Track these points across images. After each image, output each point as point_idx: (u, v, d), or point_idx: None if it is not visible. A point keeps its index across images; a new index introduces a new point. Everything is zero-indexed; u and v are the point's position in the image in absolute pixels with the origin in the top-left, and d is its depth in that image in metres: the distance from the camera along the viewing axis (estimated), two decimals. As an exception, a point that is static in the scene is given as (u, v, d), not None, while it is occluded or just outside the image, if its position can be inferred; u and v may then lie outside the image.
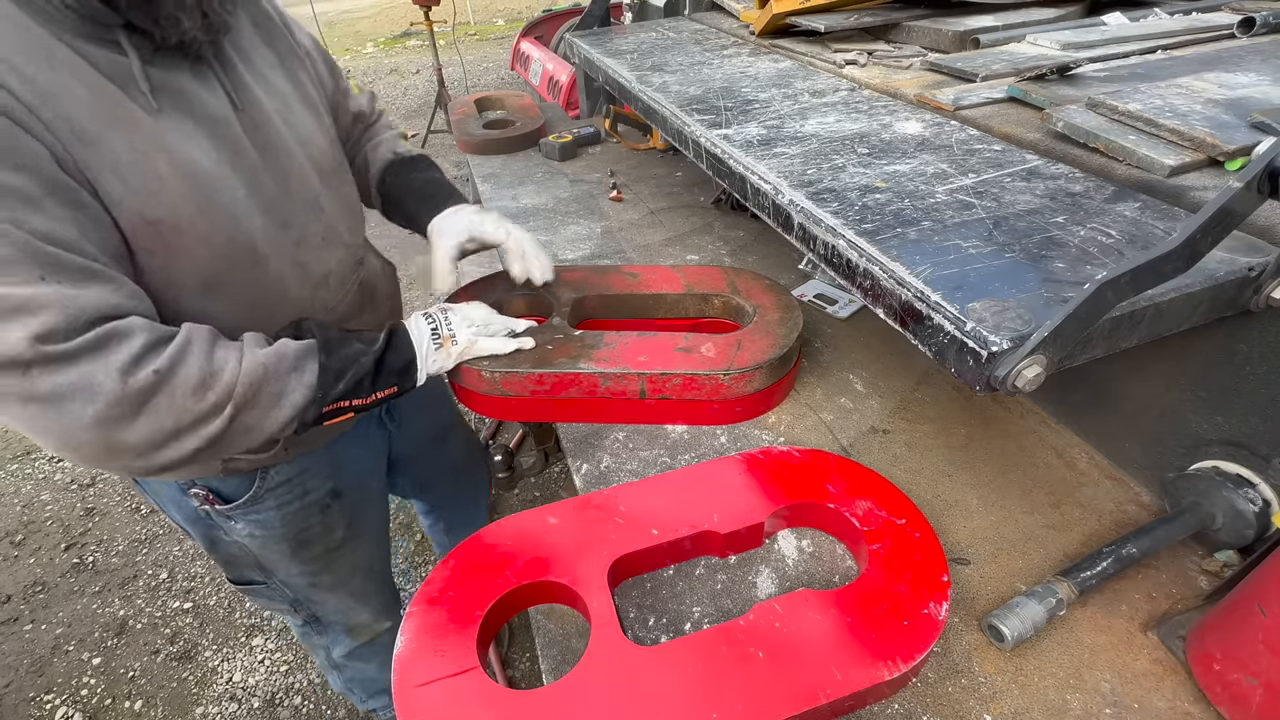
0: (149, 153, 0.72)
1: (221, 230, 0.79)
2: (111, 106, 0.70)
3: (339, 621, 1.32)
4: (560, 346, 1.01)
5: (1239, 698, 0.65)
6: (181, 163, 0.75)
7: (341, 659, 1.42)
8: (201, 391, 0.72)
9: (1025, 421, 1.03)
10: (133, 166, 0.71)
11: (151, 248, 0.74)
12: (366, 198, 1.22)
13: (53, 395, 0.65)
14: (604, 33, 1.98)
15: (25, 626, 2.13)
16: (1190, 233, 0.57)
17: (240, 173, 0.82)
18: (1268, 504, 0.75)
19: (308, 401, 0.80)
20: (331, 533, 1.16)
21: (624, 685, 0.66)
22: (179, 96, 0.77)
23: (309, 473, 1.07)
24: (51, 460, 2.74)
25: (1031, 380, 0.60)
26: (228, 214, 0.80)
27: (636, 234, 1.61)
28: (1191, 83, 1.01)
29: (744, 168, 0.98)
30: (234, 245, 0.81)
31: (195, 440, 0.73)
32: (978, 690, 0.71)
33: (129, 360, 0.67)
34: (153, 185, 0.72)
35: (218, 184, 0.79)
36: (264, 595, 1.20)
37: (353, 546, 1.22)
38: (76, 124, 0.67)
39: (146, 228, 0.73)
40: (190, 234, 0.76)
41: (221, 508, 1.01)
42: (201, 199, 0.77)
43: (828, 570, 0.83)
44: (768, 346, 1.00)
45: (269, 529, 1.06)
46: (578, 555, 0.79)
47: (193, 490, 0.99)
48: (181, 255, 0.77)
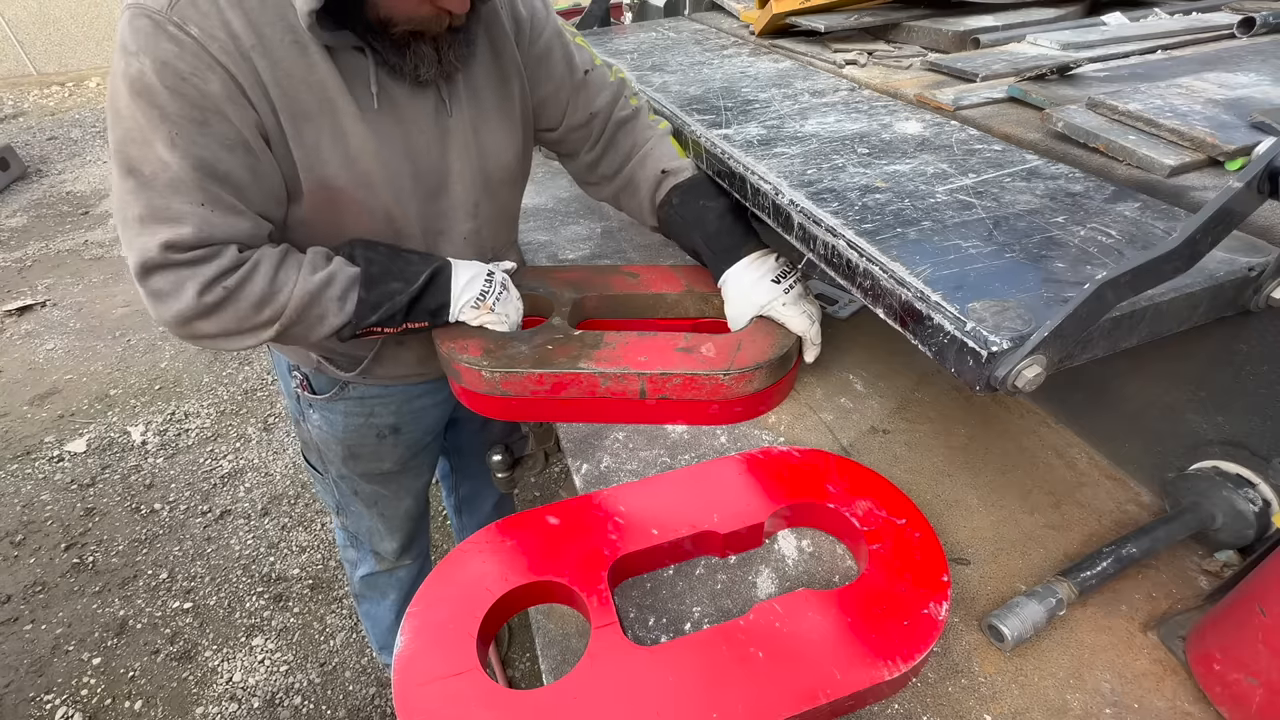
0: (349, 138, 0.90)
1: (380, 207, 0.97)
2: (334, 97, 0.88)
3: (366, 541, 1.51)
4: (560, 346, 1.01)
5: (1239, 698, 0.65)
6: (373, 152, 0.92)
7: (361, 584, 1.62)
8: (260, 307, 0.89)
9: (1025, 421, 1.03)
10: (332, 146, 0.90)
11: (320, 205, 0.94)
12: (639, 214, 1.20)
13: (157, 292, 0.85)
14: (604, 33, 1.98)
15: (25, 626, 2.13)
16: (1190, 233, 0.57)
17: (415, 169, 0.98)
18: (1268, 504, 0.75)
19: (344, 324, 0.95)
20: (380, 460, 1.33)
21: (624, 685, 0.66)
22: (394, 101, 0.93)
23: (379, 401, 1.24)
24: (52, 460, 2.74)
25: (1031, 380, 0.60)
26: (391, 197, 0.97)
27: (636, 234, 1.61)
28: (1191, 83, 1.01)
29: (744, 168, 0.98)
30: (387, 221, 0.99)
31: (253, 339, 0.93)
32: (978, 690, 0.71)
33: (211, 277, 0.85)
34: (341, 162, 0.91)
35: (392, 173, 0.95)
36: (320, 485, 1.43)
37: (396, 480, 1.39)
38: (299, 104, 0.86)
39: (323, 190, 0.92)
40: (356, 204, 0.95)
41: (308, 395, 1.23)
42: (375, 181, 0.94)
43: (828, 570, 0.83)
44: (768, 346, 1.00)
45: (333, 429, 1.26)
46: (578, 555, 0.79)
47: (295, 373, 1.22)
48: (344, 216, 0.96)
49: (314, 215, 0.95)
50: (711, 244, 1.08)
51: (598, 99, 1.16)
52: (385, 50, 0.87)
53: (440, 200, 1.03)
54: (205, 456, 2.73)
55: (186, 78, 0.79)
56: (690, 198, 1.10)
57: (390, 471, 1.36)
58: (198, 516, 2.47)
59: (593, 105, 1.16)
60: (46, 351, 3.40)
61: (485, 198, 1.08)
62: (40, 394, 3.12)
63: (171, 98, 0.79)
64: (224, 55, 0.80)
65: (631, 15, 2.82)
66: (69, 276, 4.08)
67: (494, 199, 1.10)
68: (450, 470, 1.80)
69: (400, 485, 1.41)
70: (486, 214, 1.10)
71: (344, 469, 1.33)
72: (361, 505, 1.41)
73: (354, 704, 1.90)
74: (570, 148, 1.22)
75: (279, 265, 0.90)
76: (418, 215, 1.01)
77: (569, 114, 1.15)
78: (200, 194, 0.82)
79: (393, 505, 1.44)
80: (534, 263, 1.50)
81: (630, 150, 1.18)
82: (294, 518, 2.45)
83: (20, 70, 7.68)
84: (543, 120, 1.16)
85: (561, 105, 1.14)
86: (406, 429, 1.31)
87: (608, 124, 1.18)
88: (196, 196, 0.82)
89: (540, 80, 1.10)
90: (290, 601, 2.18)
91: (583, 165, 1.23)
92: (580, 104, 1.15)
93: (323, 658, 2.02)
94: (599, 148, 1.19)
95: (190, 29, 0.78)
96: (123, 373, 3.23)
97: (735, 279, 1.05)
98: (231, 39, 0.80)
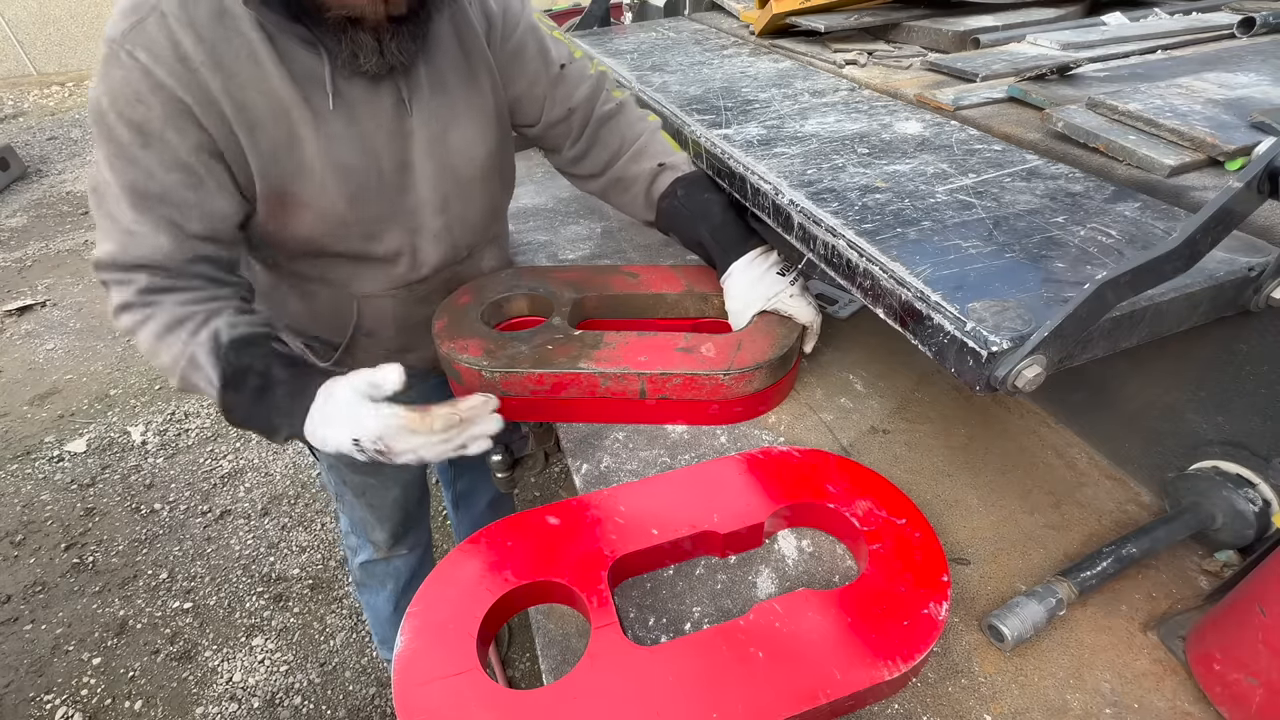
0: (304, 143, 0.90)
1: (331, 210, 0.95)
2: (287, 104, 0.88)
3: (360, 530, 1.52)
4: (560, 346, 1.01)
5: (1239, 698, 0.65)
6: (328, 154, 0.91)
7: (361, 571, 1.62)
8: (153, 355, 0.91)
9: (1025, 421, 1.03)
10: (286, 151, 0.90)
11: (274, 212, 0.94)
12: (632, 209, 1.20)
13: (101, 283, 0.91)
14: (604, 33, 1.98)
15: (25, 626, 2.13)
16: (1190, 233, 0.57)
17: (374, 167, 0.96)
18: (1268, 504, 0.75)
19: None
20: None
21: (624, 685, 0.66)
22: (352, 101, 0.92)
23: None
24: (51, 460, 2.74)
25: (1031, 380, 0.60)
26: (345, 200, 0.95)
27: (636, 234, 1.61)
28: (1191, 83, 1.01)
29: (744, 168, 0.98)
30: (338, 224, 0.97)
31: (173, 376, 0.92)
32: (978, 690, 0.71)
33: (119, 303, 0.89)
34: (295, 169, 0.91)
35: (351, 176, 0.94)
36: (323, 471, 1.43)
37: (381, 470, 1.37)
38: (253, 113, 0.86)
39: (276, 197, 0.92)
40: (311, 209, 0.94)
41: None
42: (332, 186, 0.93)
43: (828, 570, 0.83)
44: (768, 346, 1.00)
45: None
46: (578, 555, 0.79)
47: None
48: (297, 223, 0.95)
49: (266, 218, 0.95)
50: (717, 236, 1.08)
51: (576, 93, 1.15)
52: (324, 37, 0.87)
53: (406, 197, 1.02)
54: (205, 456, 2.73)
55: (130, 102, 0.82)
56: (695, 190, 1.11)
57: (380, 464, 1.33)
58: (198, 516, 2.47)
59: (571, 100, 1.15)
60: (46, 351, 3.40)
61: (455, 195, 1.06)
62: (40, 394, 3.12)
63: (117, 120, 0.83)
64: (170, 77, 0.82)
65: (631, 15, 2.83)
66: (69, 276, 4.08)
67: (464, 196, 1.08)
68: (449, 464, 1.80)
69: (386, 475, 1.42)
70: (457, 211, 1.08)
71: (331, 457, 1.33)
72: (351, 494, 1.43)
73: (354, 704, 1.90)
74: (552, 143, 1.21)
75: (167, 329, 0.89)
76: (377, 216, 1.00)
77: (547, 109, 1.14)
78: (132, 214, 0.85)
79: (380, 495, 1.45)
80: (534, 263, 1.50)
81: (619, 146, 1.17)
82: (294, 518, 2.45)
83: (20, 70, 7.68)
84: (521, 116, 1.16)
85: (539, 101, 1.13)
86: None
87: (590, 119, 1.17)
88: (130, 217, 0.85)
89: (514, 76, 1.10)
90: (290, 601, 2.18)
91: (567, 160, 1.22)
92: (558, 98, 1.14)
93: (323, 658, 2.02)
94: (582, 143, 1.19)
95: (139, 54, 0.81)
96: (123, 373, 3.23)
97: (741, 271, 1.05)
98: (180, 60, 0.82)
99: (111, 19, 0.84)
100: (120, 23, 0.82)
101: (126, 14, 0.83)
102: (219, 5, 0.84)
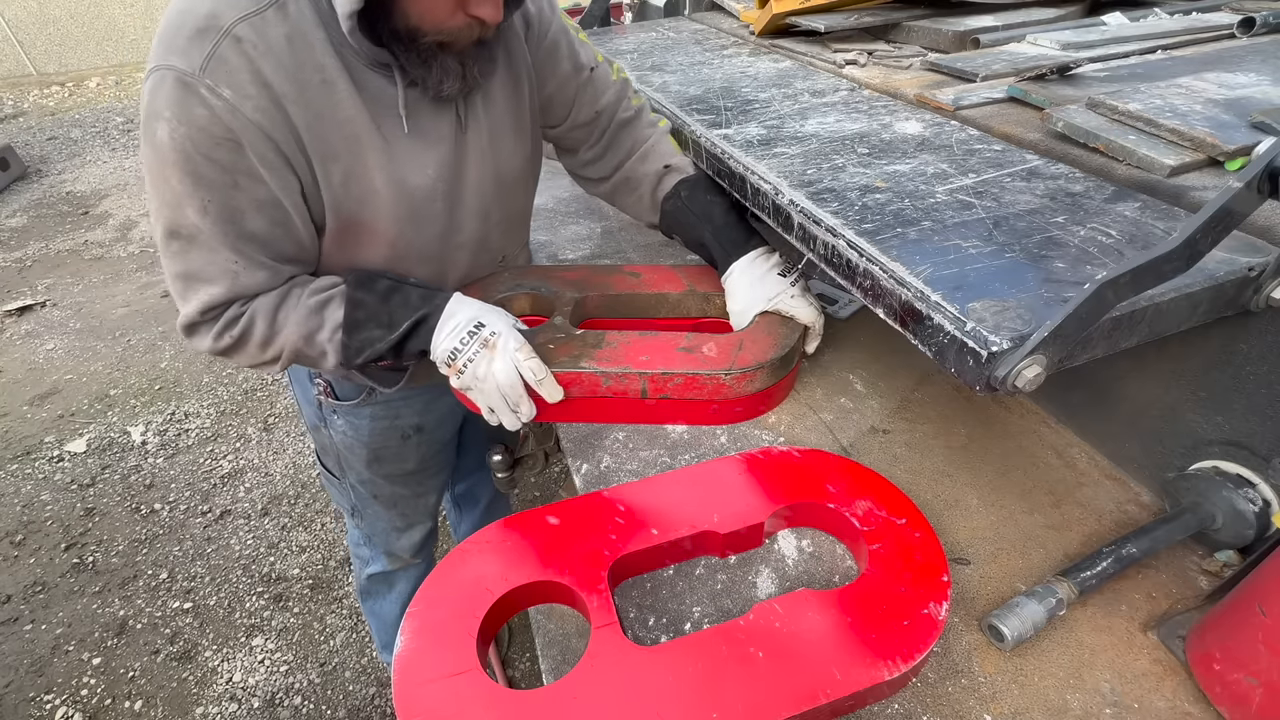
0: (376, 170, 0.90)
1: (405, 236, 0.98)
2: (358, 130, 0.88)
3: (381, 540, 1.51)
4: (562, 345, 1.01)
5: (1239, 698, 0.65)
6: (399, 181, 0.93)
7: (368, 581, 1.63)
8: (264, 347, 0.93)
9: (1025, 421, 1.03)
10: (359, 180, 0.90)
11: (344, 241, 0.96)
12: (637, 210, 1.21)
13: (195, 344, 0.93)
14: (604, 33, 1.98)
15: (25, 626, 2.13)
16: (1190, 233, 0.57)
17: (434, 189, 0.97)
18: (1268, 504, 0.75)
19: (338, 363, 0.96)
20: (404, 460, 1.33)
21: (624, 685, 0.66)
22: (419, 122, 0.93)
23: (405, 403, 1.25)
24: (51, 460, 2.74)
25: (1031, 380, 0.60)
26: (416, 224, 0.98)
27: (637, 234, 1.61)
28: (1191, 83, 1.01)
29: (744, 168, 0.98)
30: (410, 248, 1.00)
31: (270, 370, 0.98)
32: (978, 690, 0.71)
33: (220, 328, 0.91)
34: (368, 197, 0.92)
35: (418, 199, 0.96)
36: (335, 489, 1.42)
37: (417, 479, 1.40)
38: (328, 146, 0.86)
39: (348, 227, 0.94)
40: (381, 236, 0.96)
41: (332, 401, 1.23)
42: (401, 211, 0.95)
43: (828, 570, 0.83)
44: (769, 346, 1.00)
45: (358, 434, 1.26)
46: (578, 555, 0.79)
47: (316, 380, 1.22)
48: (366, 249, 0.98)
49: (330, 246, 0.97)
50: (720, 236, 1.09)
51: (603, 97, 1.16)
52: (411, 64, 0.85)
53: (456, 211, 1.03)
54: (205, 457, 2.73)
55: (220, 142, 0.79)
56: (698, 191, 1.12)
57: (412, 471, 1.37)
58: (198, 516, 2.47)
59: (598, 103, 1.16)
60: (46, 351, 3.40)
61: (496, 203, 1.08)
62: (40, 394, 3.12)
63: (205, 163, 0.80)
64: (258, 113, 0.80)
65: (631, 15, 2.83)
66: (69, 276, 4.08)
67: (504, 204, 1.10)
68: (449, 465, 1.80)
69: (421, 483, 1.43)
70: (496, 218, 1.10)
71: (366, 473, 1.33)
72: (380, 506, 1.42)
73: (354, 704, 1.90)
74: (571, 144, 1.22)
75: (277, 307, 0.92)
76: (430, 234, 1.01)
77: (575, 111, 1.15)
78: (231, 255, 0.86)
79: (413, 504, 1.46)
80: (534, 263, 1.50)
81: (630, 149, 1.18)
82: (294, 518, 2.45)
83: (20, 70, 7.67)
84: (548, 117, 1.16)
85: (568, 102, 1.14)
86: (429, 428, 1.32)
87: (611, 122, 1.18)
88: (228, 258, 0.86)
89: (547, 77, 1.10)
90: (290, 601, 2.18)
91: (581, 161, 1.23)
92: (586, 101, 1.15)
93: (323, 658, 2.02)
94: (600, 145, 1.19)
95: (223, 91, 0.77)
96: (123, 373, 3.23)
97: (743, 271, 1.05)
98: (264, 91, 0.80)
99: (170, 39, 0.78)
100: (190, 50, 0.77)
101: (194, 40, 0.77)
102: (292, 27, 0.81)
